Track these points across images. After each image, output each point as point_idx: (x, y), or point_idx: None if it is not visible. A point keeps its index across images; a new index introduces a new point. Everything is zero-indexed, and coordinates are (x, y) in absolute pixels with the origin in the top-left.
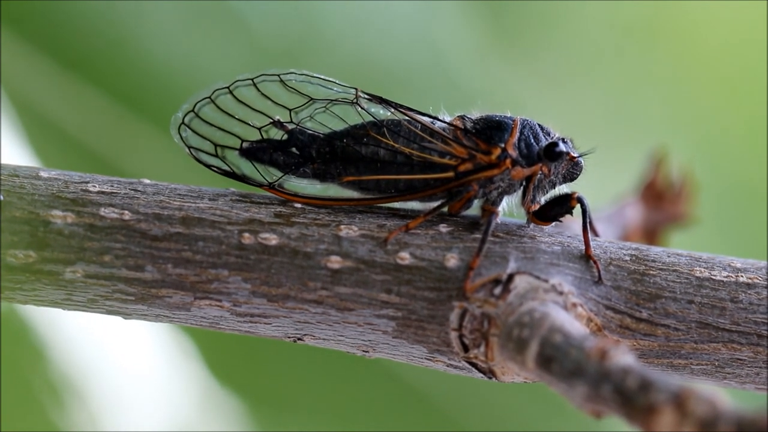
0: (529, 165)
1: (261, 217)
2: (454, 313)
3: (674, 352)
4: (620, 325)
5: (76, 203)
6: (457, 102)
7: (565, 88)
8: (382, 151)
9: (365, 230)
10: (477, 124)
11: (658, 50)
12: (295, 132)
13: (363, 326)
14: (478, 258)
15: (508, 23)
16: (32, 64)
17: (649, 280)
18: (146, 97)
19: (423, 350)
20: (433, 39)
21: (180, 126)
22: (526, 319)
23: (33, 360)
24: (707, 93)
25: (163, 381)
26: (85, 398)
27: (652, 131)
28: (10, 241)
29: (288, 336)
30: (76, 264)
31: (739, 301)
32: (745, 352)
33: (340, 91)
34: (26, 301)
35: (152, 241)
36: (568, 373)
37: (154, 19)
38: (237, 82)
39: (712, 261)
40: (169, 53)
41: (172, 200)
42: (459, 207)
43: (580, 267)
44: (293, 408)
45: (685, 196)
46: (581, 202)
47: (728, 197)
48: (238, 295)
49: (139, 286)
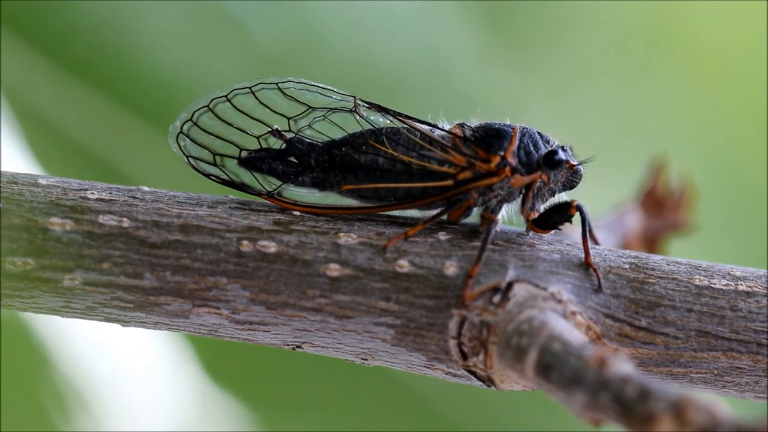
0: (529, 173)
1: (260, 224)
2: (453, 321)
3: (673, 361)
4: (619, 333)
5: (75, 210)
6: (458, 107)
7: (567, 94)
8: (381, 159)
9: (364, 238)
10: (476, 132)
11: (661, 56)
12: (294, 141)
13: (362, 334)
14: (477, 266)
15: (510, 28)
16: (32, 67)
17: (649, 289)
18: (147, 101)
19: (422, 358)
20: (434, 44)
21: (178, 135)
22: (525, 327)
23: (35, 364)
24: (710, 100)
25: (161, 383)
26: (86, 400)
27: (652, 139)
28: (9, 249)
29: (287, 344)
30: (74, 271)
31: (739, 310)
32: (744, 360)
33: (339, 99)
34: (25, 308)
35: (151, 249)
36: (567, 382)
37: (154, 23)
38: (235, 90)
39: (711, 269)
40: (170, 57)
41: (171, 208)
42: (458, 215)
43: (579, 275)
44: (292, 410)
45: (685, 203)
46: (580, 210)
47: (731, 203)
48: (237, 302)
49: (137, 293)
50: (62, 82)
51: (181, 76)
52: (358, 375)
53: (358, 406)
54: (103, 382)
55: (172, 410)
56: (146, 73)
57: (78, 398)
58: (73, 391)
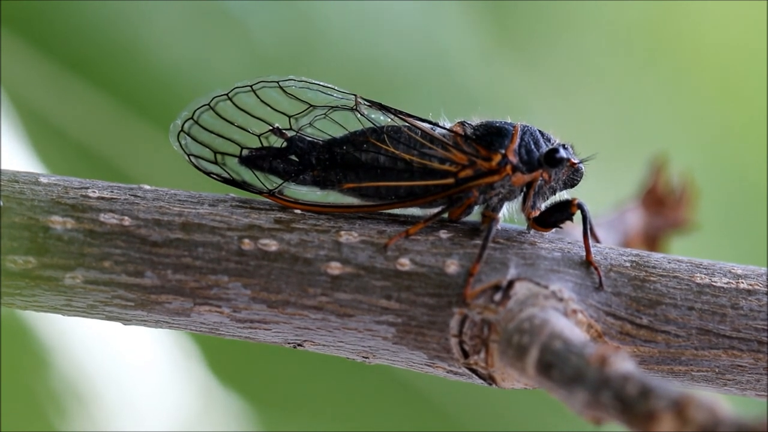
0: (530, 171)
1: (261, 223)
2: (454, 319)
3: (674, 359)
4: (620, 331)
5: (76, 209)
6: (459, 106)
7: (568, 92)
8: (382, 157)
9: (365, 236)
10: (477, 131)
11: (662, 55)
12: (295, 139)
13: (363, 332)
14: (479, 264)
15: (511, 27)
16: (33, 66)
17: (650, 287)
18: (148, 100)
19: (423, 356)
20: (436, 42)
21: (179, 133)
22: (526, 325)
23: (35, 363)
24: (710, 99)
25: (163, 381)
26: (86, 400)
27: (653, 137)
28: (10, 247)
29: (288, 342)
30: (75, 270)
31: (740, 308)
32: (745, 358)
33: (340, 98)
34: (26, 307)
35: (152, 247)
36: (568, 380)
37: (155, 22)
38: (236, 88)
39: (712, 267)
40: (171, 55)
41: (172, 206)
42: (459, 213)
43: (580, 273)
44: (294, 408)
45: (686, 201)
46: (582, 208)
47: (731, 202)
48: (238, 301)
49: (138, 291)
50: (63, 81)
51: (182, 75)
52: (359, 373)
53: (360, 405)
54: (104, 380)
55: (175, 408)
56: (147, 72)
57: (78, 397)
58: (73, 390)
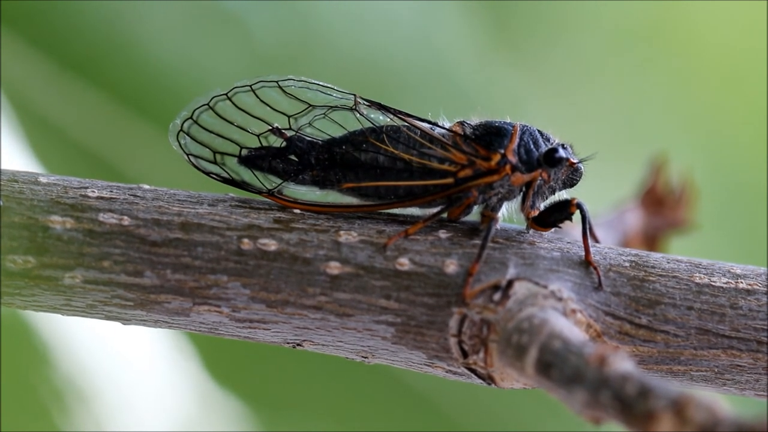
0: (529, 171)
1: (260, 222)
2: (454, 319)
3: (674, 359)
4: (619, 331)
5: (75, 209)
6: (458, 106)
7: (567, 92)
8: (381, 157)
9: (364, 236)
10: (476, 130)
11: (661, 55)
12: (294, 139)
13: (362, 332)
14: (478, 264)
15: (510, 27)
16: (32, 66)
17: (649, 287)
18: (147, 99)
19: (422, 356)
20: (435, 42)
21: (179, 133)
22: (525, 325)
23: (36, 363)
24: (710, 99)
25: (162, 381)
26: (86, 399)
27: (652, 137)
28: (9, 247)
29: (287, 342)
30: (75, 269)
31: (739, 308)
32: (744, 358)
33: (339, 97)
34: (25, 306)
35: (151, 247)
36: (567, 380)
37: (155, 21)
38: (235, 88)
39: (711, 267)
40: (171, 55)
41: (171, 206)
42: (458, 213)
43: (579, 273)
44: (292, 408)
45: (685, 201)
46: (581, 208)
47: (731, 202)
48: (237, 300)
49: (138, 291)
50: (62, 81)
51: (182, 75)
52: (358, 373)
53: (359, 405)
54: (104, 380)
55: (173, 408)
56: (146, 72)
57: (78, 397)
58: (73, 389)
